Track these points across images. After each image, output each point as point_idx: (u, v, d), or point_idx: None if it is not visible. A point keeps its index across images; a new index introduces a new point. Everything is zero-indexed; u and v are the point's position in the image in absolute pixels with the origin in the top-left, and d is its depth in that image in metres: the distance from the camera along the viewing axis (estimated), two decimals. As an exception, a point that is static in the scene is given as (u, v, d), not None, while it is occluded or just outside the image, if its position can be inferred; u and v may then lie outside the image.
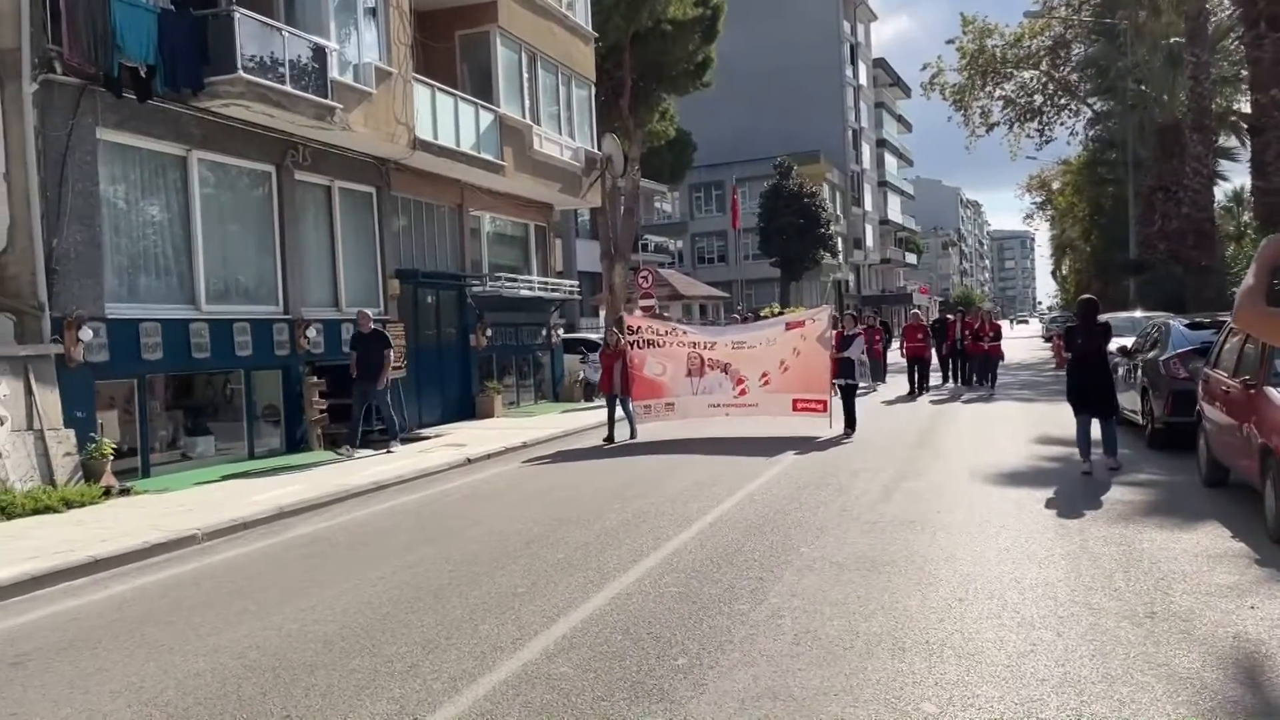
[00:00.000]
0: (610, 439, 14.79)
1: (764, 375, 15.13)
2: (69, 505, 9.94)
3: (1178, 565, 6.43)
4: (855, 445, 13.16)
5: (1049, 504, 8.68)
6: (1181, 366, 11.24)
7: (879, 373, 23.43)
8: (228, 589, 6.95)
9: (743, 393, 15.26)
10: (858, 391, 15.06)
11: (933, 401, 19.54)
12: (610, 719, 4.29)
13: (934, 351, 23.10)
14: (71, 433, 11.01)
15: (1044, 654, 4.86)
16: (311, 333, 14.95)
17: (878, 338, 23.80)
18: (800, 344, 14.91)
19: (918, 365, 21.58)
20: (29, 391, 10.65)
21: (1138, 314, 21.33)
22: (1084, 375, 10.43)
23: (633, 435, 14.99)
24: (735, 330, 18.43)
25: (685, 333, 16.39)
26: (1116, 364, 14.57)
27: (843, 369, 14.44)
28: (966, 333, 22.31)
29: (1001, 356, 22.10)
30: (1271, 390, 7.38)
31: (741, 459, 12.12)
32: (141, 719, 4.53)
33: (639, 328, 16.03)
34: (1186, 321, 12.95)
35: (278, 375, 14.79)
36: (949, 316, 25.22)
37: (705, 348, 15.58)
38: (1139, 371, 12.54)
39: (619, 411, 15.15)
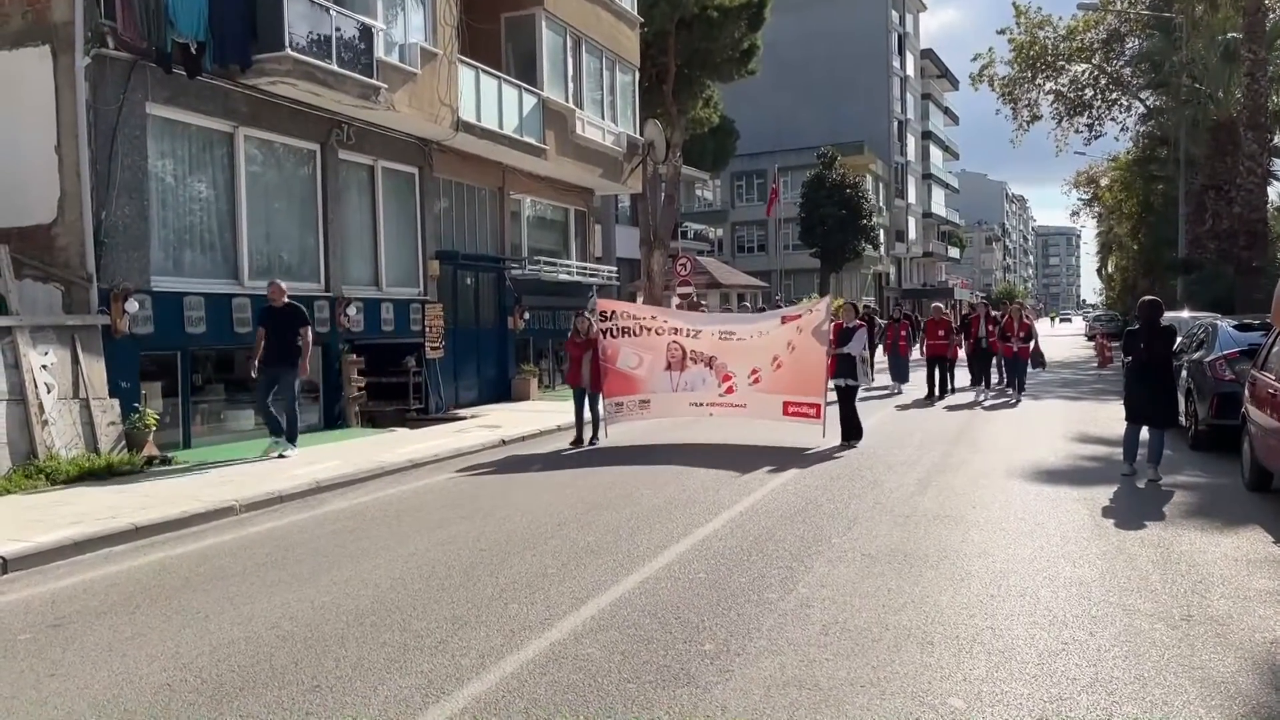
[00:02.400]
0: (579, 441, 13.20)
1: (754, 372, 13.12)
2: (111, 473, 10.13)
3: (1216, 569, 6.33)
4: (890, 440, 13.03)
5: (1086, 503, 8.57)
6: (1228, 368, 11.06)
7: (902, 373, 21.07)
8: (263, 560, 7.05)
9: (729, 390, 13.30)
10: (859, 394, 13.08)
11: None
12: (636, 701, 4.31)
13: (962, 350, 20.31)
14: (116, 402, 11.21)
15: (1075, 653, 4.81)
16: (352, 311, 15.09)
17: (903, 334, 21.39)
18: (795, 338, 12.83)
19: (938, 365, 19.17)
20: (75, 360, 10.86)
21: (1184, 314, 20.94)
22: (1144, 383, 9.74)
23: (596, 438, 13.28)
24: (723, 319, 16.13)
25: (666, 319, 14.07)
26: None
27: (840, 368, 12.61)
28: (991, 329, 19.66)
29: (1030, 360, 19.24)
30: (1320, 394, 7.22)
31: (773, 450, 12.06)
32: (176, 683, 4.62)
33: (613, 313, 13.82)
34: (1234, 323, 12.72)
35: (317, 352, 14.90)
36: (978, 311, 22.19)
37: (688, 336, 13.50)
38: (1184, 372, 12.32)
39: (588, 410, 13.41)
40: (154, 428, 11.39)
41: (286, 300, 11.94)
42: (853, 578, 6.21)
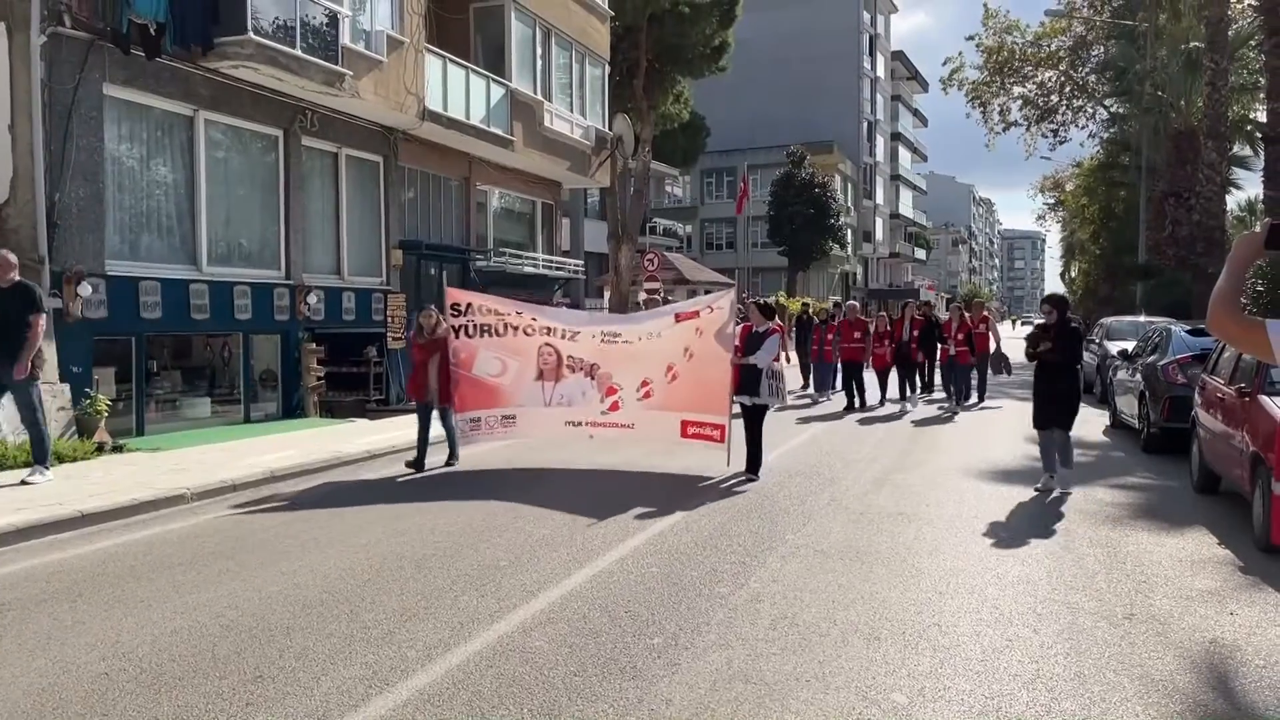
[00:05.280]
0: (419, 464, 10.46)
1: (644, 384, 10.80)
2: (61, 460, 9.93)
3: (1160, 569, 6.43)
4: (849, 435, 13.08)
5: (1038, 503, 8.67)
6: (1180, 372, 11.23)
7: (826, 381, 18.95)
8: (212, 549, 6.96)
9: (614, 407, 10.90)
10: (772, 407, 10.60)
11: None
12: (581, 694, 4.29)
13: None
14: (66, 387, 11.02)
15: (1019, 650, 4.86)
16: (312, 299, 14.95)
17: (829, 337, 18.39)
18: (694, 342, 10.44)
19: (851, 372, 17.18)
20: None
21: (1141, 318, 21.25)
22: (1054, 384, 9.22)
23: (452, 459, 10.82)
24: (606, 319, 13.77)
25: (535, 317, 11.27)
26: (1116, 367, 14.58)
27: (745, 382, 10.02)
28: (915, 334, 17.56)
29: (971, 364, 17.41)
30: (1266, 399, 7.35)
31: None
32: (115, 672, 4.54)
33: (468, 306, 11.05)
34: (1188, 328, 12.91)
35: (276, 340, 14.80)
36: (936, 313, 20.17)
37: (565, 338, 11.01)
38: (1138, 375, 12.52)
39: (438, 426, 10.81)
40: (106, 414, 11.19)
41: (15, 277, 8.87)
42: (804, 574, 6.23)
